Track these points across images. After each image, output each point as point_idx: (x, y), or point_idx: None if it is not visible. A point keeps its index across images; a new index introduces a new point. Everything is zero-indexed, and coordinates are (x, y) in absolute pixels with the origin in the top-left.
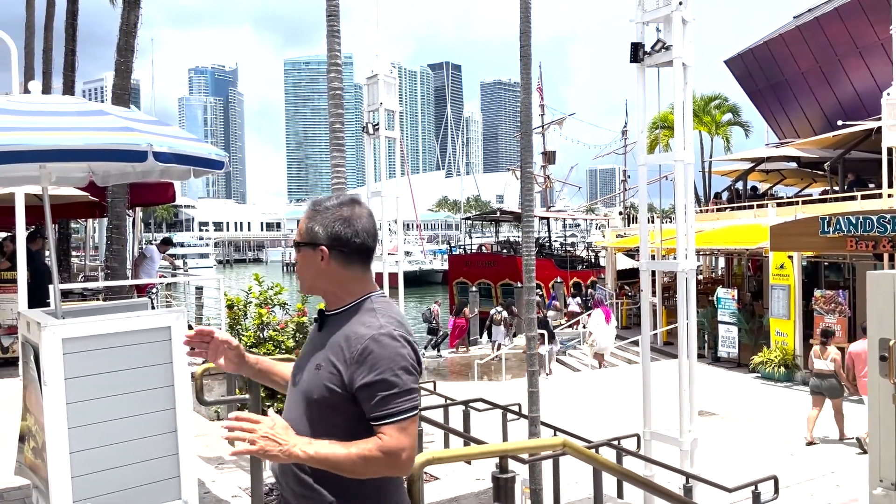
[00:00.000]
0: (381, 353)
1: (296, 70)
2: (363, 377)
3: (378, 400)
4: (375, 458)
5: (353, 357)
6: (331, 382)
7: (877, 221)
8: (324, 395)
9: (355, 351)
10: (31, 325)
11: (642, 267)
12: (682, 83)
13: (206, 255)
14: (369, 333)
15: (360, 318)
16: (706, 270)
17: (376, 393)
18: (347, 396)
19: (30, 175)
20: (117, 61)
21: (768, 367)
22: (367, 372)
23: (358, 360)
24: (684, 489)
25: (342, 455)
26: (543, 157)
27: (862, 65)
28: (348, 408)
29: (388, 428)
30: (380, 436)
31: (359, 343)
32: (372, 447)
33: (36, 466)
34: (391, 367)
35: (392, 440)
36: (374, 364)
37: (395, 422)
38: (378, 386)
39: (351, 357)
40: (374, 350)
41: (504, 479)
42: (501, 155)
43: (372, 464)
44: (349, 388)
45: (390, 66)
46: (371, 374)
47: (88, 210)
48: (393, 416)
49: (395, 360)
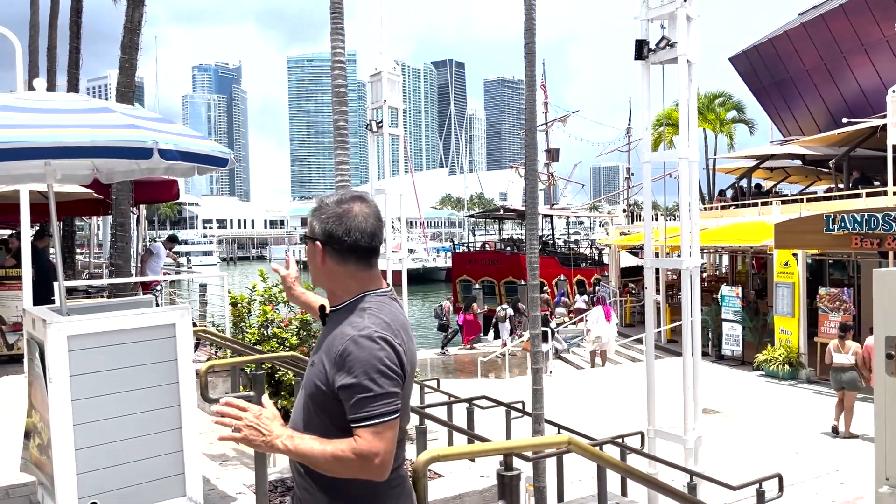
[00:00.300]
0: (358, 355)
1: (299, 67)
2: (342, 379)
3: (354, 402)
4: (348, 458)
5: (334, 358)
6: (319, 380)
7: (882, 219)
8: (313, 392)
9: (336, 352)
10: (37, 322)
11: (646, 264)
12: (686, 80)
13: (209, 253)
14: (350, 334)
15: (350, 318)
16: (710, 268)
17: (353, 395)
18: (331, 395)
19: (35, 172)
20: (121, 59)
21: (772, 365)
22: (345, 374)
23: (337, 361)
24: (688, 487)
25: (318, 452)
26: (547, 154)
27: (867, 62)
28: (334, 406)
29: (363, 431)
30: (355, 438)
31: (340, 344)
32: (346, 448)
33: (41, 463)
34: (366, 371)
35: (365, 444)
36: (352, 366)
37: (369, 425)
38: (354, 389)
39: (333, 358)
40: (352, 352)
41: (509, 476)
42: (505, 152)
43: (345, 464)
44: (332, 387)
45: (394, 64)
46: (349, 376)
47: (93, 207)
48: (368, 420)
49: (370, 364)
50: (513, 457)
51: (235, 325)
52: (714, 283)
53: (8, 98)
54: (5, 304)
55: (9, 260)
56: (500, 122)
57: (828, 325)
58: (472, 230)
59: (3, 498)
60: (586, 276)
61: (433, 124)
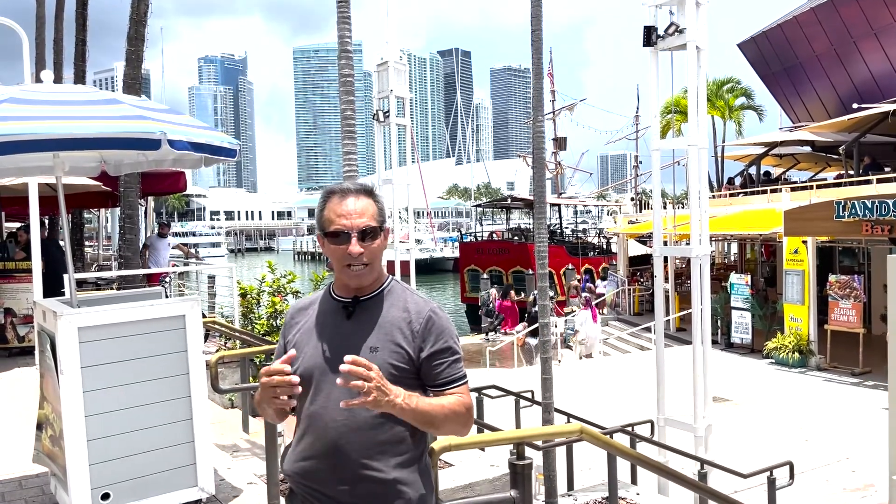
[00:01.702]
0: (442, 323)
1: (305, 58)
2: (431, 346)
3: (449, 364)
4: (461, 413)
5: (419, 330)
6: (397, 360)
7: (893, 205)
8: (391, 374)
9: (420, 324)
10: (47, 314)
11: (655, 253)
12: (695, 67)
13: (217, 245)
14: (428, 306)
15: (405, 297)
16: (719, 256)
17: (446, 358)
18: (413, 371)
19: (43, 165)
20: (128, 51)
21: (782, 353)
22: (433, 340)
23: (423, 332)
24: (699, 475)
25: (437, 408)
26: (554, 143)
27: (878, 46)
28: (412, 383)
29: (463, 388)
30: (459, 395)
31: (421, 315)
32: (456, 403)
33: (54, 454)
34: (452, 336)
35: (468, 398)
36: (440, 333)
37: (465, 383)
38: (447, 352)
39: (418, 330)
40: (436, 321)
41: (521, 465)
42: (512, 142)
43: (457, 419)
44: (416, 361)
45: (400, 53)
46: (439, 341)
47: (101, 200)
48: (463, 378)
49: (452, 330)
50: (524, 446)
51: (245, 316)
52: (723, 271)
53: (15, 90)
54: (16, 297)
55: (18, 253)
56: (507, 110)
57: (838, 312)
58: (479, 220)
59: (16, 489)
60: (594, 266)
61: (439, 114)
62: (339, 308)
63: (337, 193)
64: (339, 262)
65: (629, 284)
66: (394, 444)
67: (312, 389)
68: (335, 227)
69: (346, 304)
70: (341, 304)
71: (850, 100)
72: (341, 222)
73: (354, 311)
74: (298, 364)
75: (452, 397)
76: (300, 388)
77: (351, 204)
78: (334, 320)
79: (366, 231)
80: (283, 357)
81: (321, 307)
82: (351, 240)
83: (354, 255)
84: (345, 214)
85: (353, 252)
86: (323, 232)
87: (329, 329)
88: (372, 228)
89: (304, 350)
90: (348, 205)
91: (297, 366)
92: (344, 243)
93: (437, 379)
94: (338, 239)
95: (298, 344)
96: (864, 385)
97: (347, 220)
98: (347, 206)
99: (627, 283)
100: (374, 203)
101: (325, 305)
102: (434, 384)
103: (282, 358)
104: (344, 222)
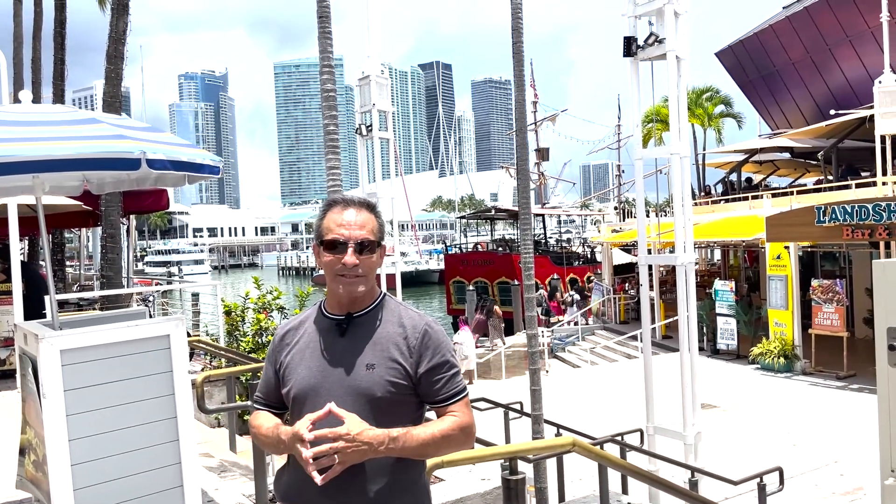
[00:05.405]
0: (438, 337)
1: (286, 73)
2: (429, 361)
3: (446, 379)
4: (454, 435)
5: (415, 345)
6: (394, 377)
7: (872, 209)
8: (389, 391)
9: (416, 339)
10: (29, 337)
11: (641, 261)
12: (675, 76)
13: (200, 262)
14: (423, 321)
15: (399, 311)
16: (702, 263)
17: (443, 373)
18: (410, 387)
19: (23, 185)
20: (107, 69)
21: (768, 358)
22: (430, 355)
23: (420, 347)
24: (689, 483)
25: (428, 439)
26: (537, 153)
27: (853, 53)
28: (410, 399)
29: (459, 405)
30: (451, 414)
31: (417, 330)
32: (448, 426)
33: (37, 480)
34: (449, 349)
35: (465, 416)
36: (437, 347)
37: (463, 398)
38: (444, 366)
39: (414, 345)
40: (432, 335)
41: (515, 480)
42: (494, 153)
43: (451, 441)
44: (413, 377)
45: (381, 67)
46: (436, 356)
47: (82, 219)
48: (461, 393)
49: (448, 344)
50: (517, 460)
51: (229, 334)
52: (707, 278)
53: None
54: None
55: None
56: (489, 122)
57: (821, 316)
58: (463, 231)
59: None
60: (579, 275)
61: (422, 127)
62: (332, 326)
63: (339, 204)
64: (332, 272)
65: (614, 293)
66: (391, 467)
67: (307, 411)
68: (333, 235)
69: (339, 322)
70: (334, 321)
71: (827, 106)
72: (340, 231)
73: (348, 327)
74: (292, 385)
75: (447, 421)
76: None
77: (352, 216)
78: (327, 338)
79: (363, 244)
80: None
81: (313, 326)
82: (347, 250)
83: (349, 266)
84: (344, 225)
85: (347, 263)
86: (320, 241)
87: (322, 348)
88: (370, 242)
89: (298, 371)
90: (349, 216)
91: (290, 386)
92: (340, 253)
93: (436, 395)
94: (334, 249)
95: (291, 365)
96: (850, 388)
97: (346, 230)
98: (348, 218)
99: (613, 291)
100: (375, 219)
101: (318, 324)
102: (434, 401)
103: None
104: (342, 232)
